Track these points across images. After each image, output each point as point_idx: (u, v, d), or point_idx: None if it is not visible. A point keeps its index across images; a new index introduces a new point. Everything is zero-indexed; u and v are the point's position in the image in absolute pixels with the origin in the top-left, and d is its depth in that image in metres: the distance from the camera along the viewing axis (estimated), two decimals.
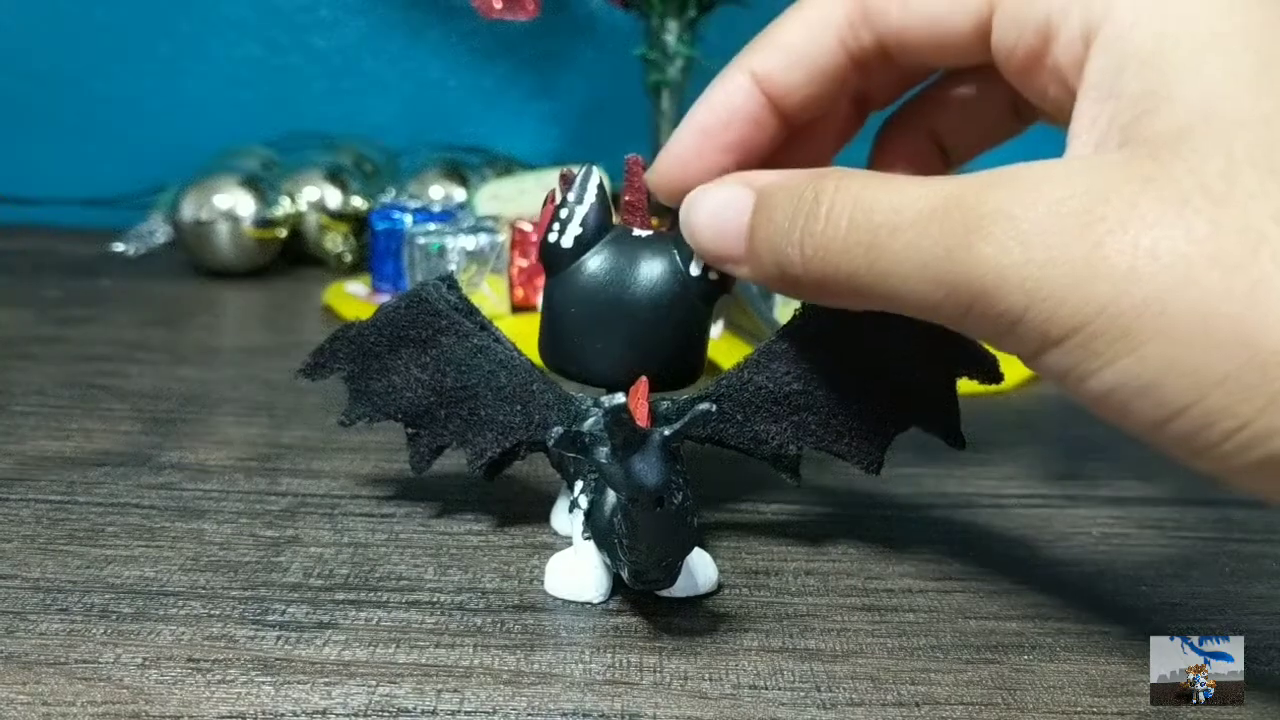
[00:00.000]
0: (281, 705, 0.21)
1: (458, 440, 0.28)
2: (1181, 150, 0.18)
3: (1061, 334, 0.18)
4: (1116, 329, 0.17)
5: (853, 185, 0.21)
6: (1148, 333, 0.17)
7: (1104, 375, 0.18)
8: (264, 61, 0.74)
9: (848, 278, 0.20)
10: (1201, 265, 0.17)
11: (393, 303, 0.28)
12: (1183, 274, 0.17)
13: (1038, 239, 0.18)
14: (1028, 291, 0.18)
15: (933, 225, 0.19)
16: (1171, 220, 0.17)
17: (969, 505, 0.32)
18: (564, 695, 0.22)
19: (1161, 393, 0.17)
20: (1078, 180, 0.18)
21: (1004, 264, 0.18)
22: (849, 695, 0.22)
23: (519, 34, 0.73)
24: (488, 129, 0.75)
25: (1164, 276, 0.17)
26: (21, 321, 0.49)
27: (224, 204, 0.57)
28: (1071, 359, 0.18)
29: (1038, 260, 0.18)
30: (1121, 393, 0.18)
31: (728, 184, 0.24)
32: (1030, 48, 0.22)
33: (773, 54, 0.25)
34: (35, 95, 0.73)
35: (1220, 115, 0.18)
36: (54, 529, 0.28)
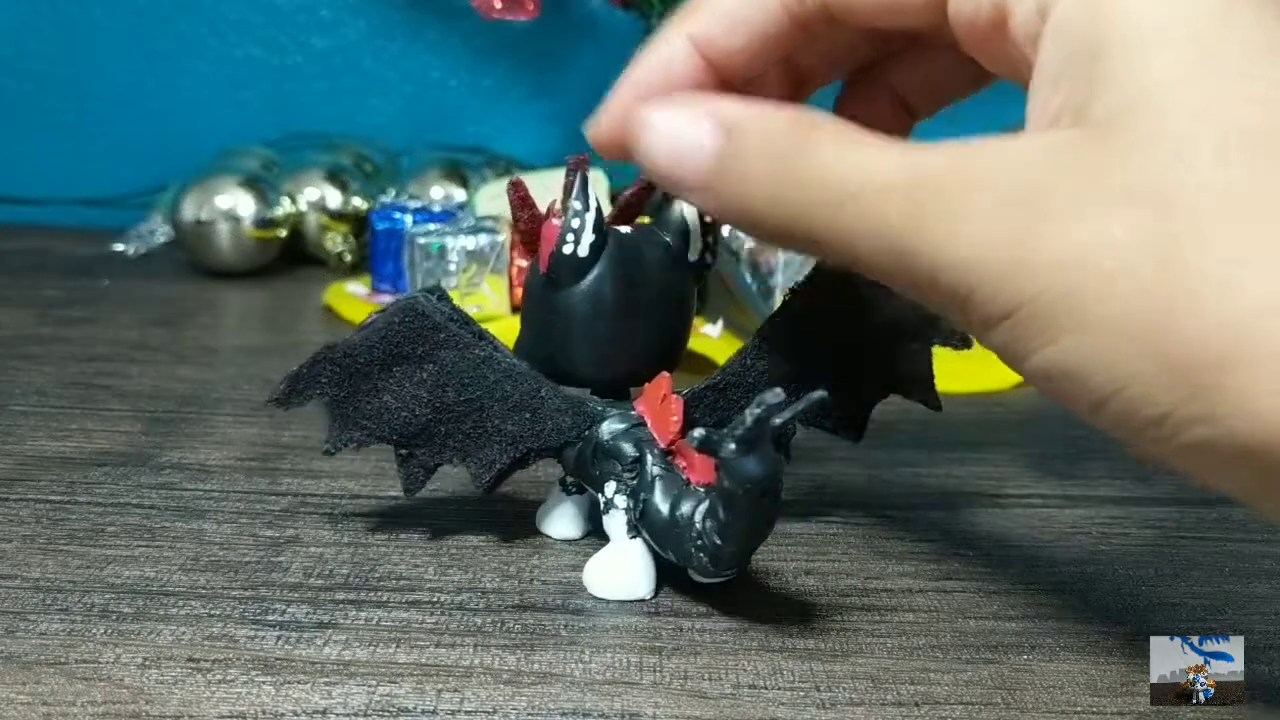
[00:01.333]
0: (281, 705, 0.21)
1: (459, 457, 0.28)
2: (1123, 140, 0.18)
3: (999, 316, 0.19)
4: (1043, 318, 0.18)
5: (831, 139, 0.21)
6: (1070, 324, 0.18)
7: (1035, 360, 0.19)
8: (264, 61, 0.74)
9: (809, 235, 0.21)
10: (1124, 261, 0.17)
11: (383, 319, 0.27)
12: (1106, 269, 0.17)
13: (981, 225, 0.18)
14: (972, 274, 0.19)
15: (892, 200, 0.19)
16: (1102, 217, 0.18)
17: (969, 505, 0.32)
18: (564, 695, 0.22)
19: (1086, 381, 0.18)
20: (1024, 165, 0.19)
21: (952, 247, 0.19)
22: (849, 695, 0.22)
23: (519, 34, 0.73)
24: (488, 129, 0.75)
25: (1088, 270, 0.18)
26: (21, 321, 0.49)
27: (224, 204, 0.57)
28: (1007, 340, 0.19)
29: (981, 245, 0.18)
30: (1052, 377, 0.19)
31: (688, 107, 0.23)
32: (988, 19, 0.21)
33: (712, 18, 0.24)
34: (35, 95, 0.73)
35: (1162, 105, 0.18)
36: (54, 529, 0.28)
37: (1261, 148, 0.17)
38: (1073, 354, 0.18)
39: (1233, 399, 0.17)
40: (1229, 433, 0.17)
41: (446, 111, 0.75)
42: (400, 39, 0.74)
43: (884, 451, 0.36)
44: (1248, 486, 0.18)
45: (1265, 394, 0.16)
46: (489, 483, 0.27)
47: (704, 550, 0.24)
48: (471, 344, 0.27)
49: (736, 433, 0.22)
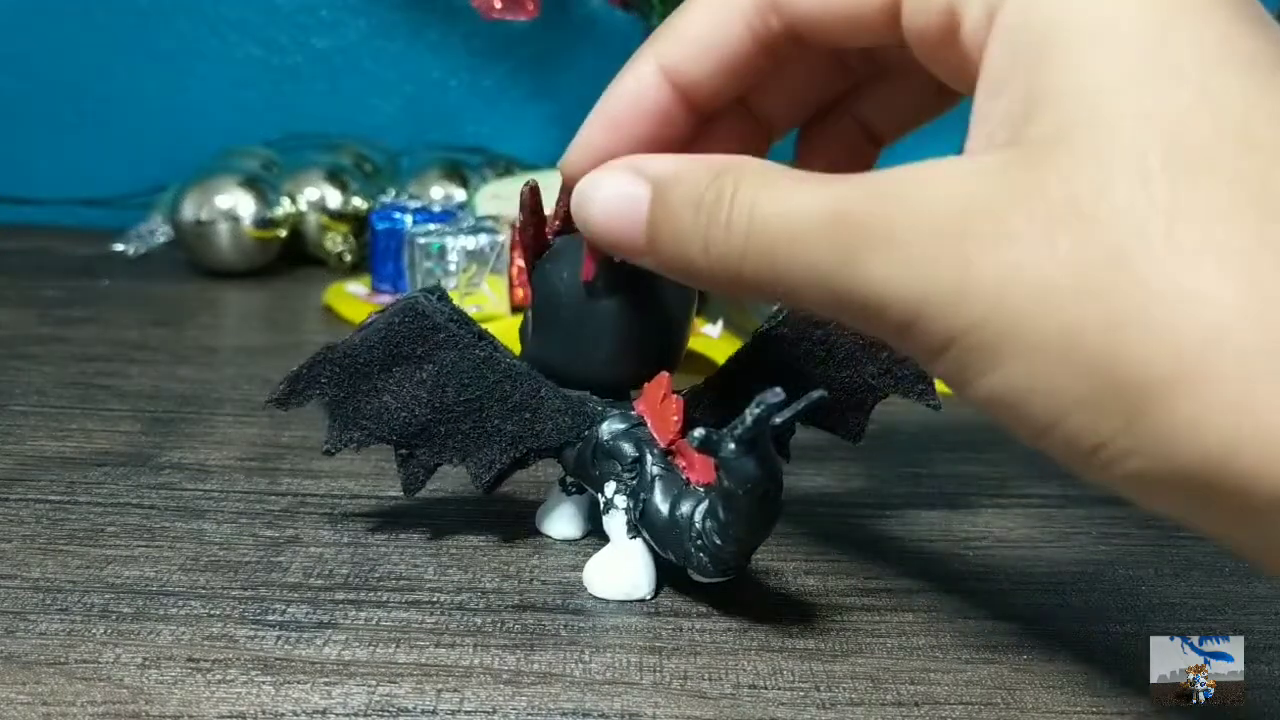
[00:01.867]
0: (281, 705, 0.21)
1: (459, 457, 0.28)
2: (1058, 158, 0.18)
3: (941, 345, 0.18)
4: (985, 344, 0.18)
5: (751, 186, 0.20)
6: (1010, 352, 0.17)
7: (977, 387, 0.18)
8: (264, 61, 0.74)
9: (751, 281, 0.21)
10: (1063, 286, 0.17)
11: (384, 319, 0.27)
12: (1044, 295, 0.17)
13: (917, 254, 0.18)
14: (911, 305, 0.18)
15: (823, 237, 0.19)
16: (1038, 240, 0.17)
17: (969, 505, 0.32)
18: (564, 695, 0.22)
19: (1028, 409, 0.18)
20: (957, 190, 0.18)
21: (888, 279, 0.18)
22: (849, 695, 0.22)
23: (519, 34, 0.73)
24: (488, 129, 0.75)
25: (1026, 296, 0.17)
26: (21, 321, 0.49)
27: (224, 204, 0.57)
28: (951, 369, 0.19)
29: (918, 275, 0.18)
30: (995, 405, 0.18)
31: (619, 171, 0.23)
32: (938, 30, 0.21)
33: (680, 45, 0.24)
34: (35, 95, 0.73)
35: (1099, 116, 0.18)
36: (54, 529, 0.28)
37: (1206, 161, 0.17)
38: (1015, 380, 0.18)
39: (1179, 423, 0.16)
40: (1174, 458, 0.16)
41: (446, 111, 0.75)
42: (400, 39, 0.74)
43: (884, 451, 0.36)
44: (1192, 511, 0.18)
45: (1211, 417, 0.16)
46: (489, 483, 0.28)
47: (704, 550, 0.24)
48: (471, 344, 0.27)
49: (736, 432, 0.22)
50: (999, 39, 0.19)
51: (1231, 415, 0.16)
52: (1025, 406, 0.18)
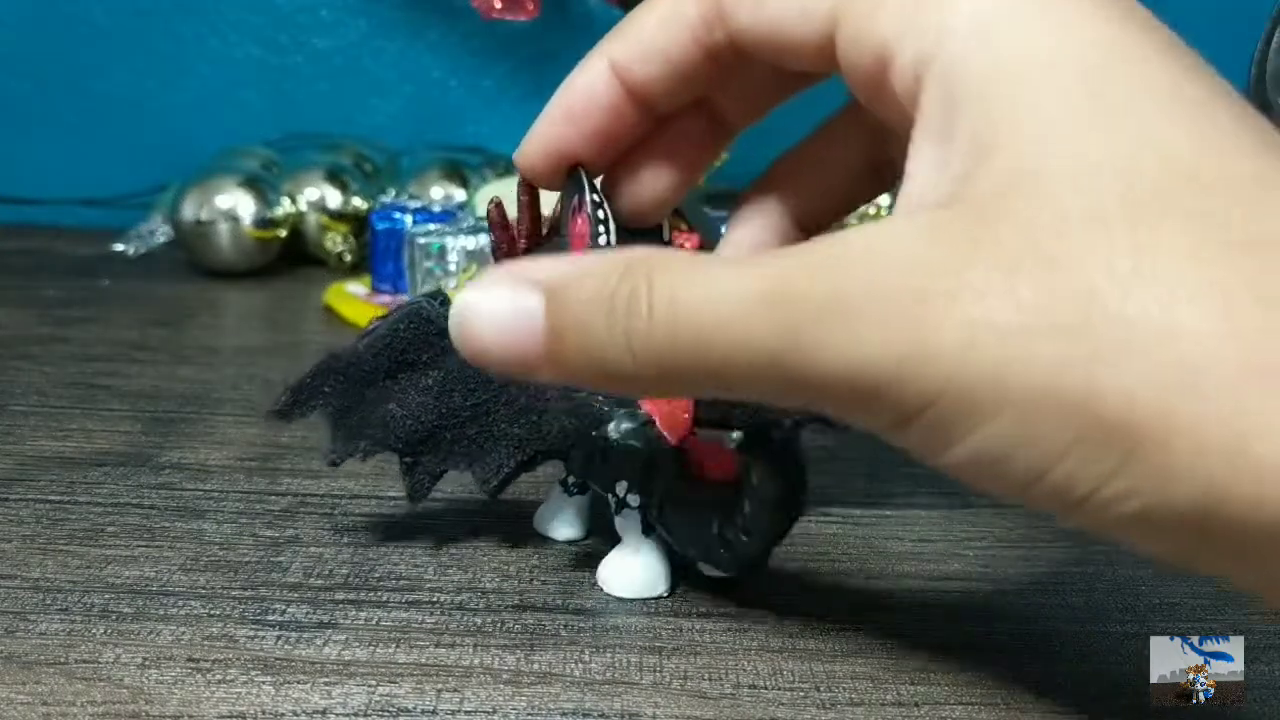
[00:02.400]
0: (281, 705, 0.21)
1: (465, 462, 0.27)
2: (1011, 207, 0.17)
3: (909, 414, 0.17)
4: (960, 406, 0.17)
5: (667, 275, 0.19)
6: (990, 408, 0.16)
7: (956, 451, 0.17)
8: (264, 61, 0.74)
9: (686, 377, 0.19)
10: (1036, 334, 0.16)
11: (387, 325, 0.27)
12: (1018, 345, 0.16)
13: (875, 323, 0.17)
14: (874, 377, 0.17)
15: (762, 319, 0.18)
16: (1002, 289, 0.16)
17: (969, 505, 0.32)
18: (564, 695, 0.22)
19: (1013, 464, 0.17)
20: (904, 252, 0.17)
21: (844, 354, 0.17)
22: (849, 695, 0.22)
23: (519, 34, 0.73)
24: (488, 129, 0.75)
25: (998, 349, 0.16)
26: (21, 321, 0.49)
27: (224, 204, 0.57)
28: (922, 438, 0.18)
29: (874, 345, 0.17)
30: (976, 466, 0.17)
31: (500, 283, 0.20)
32: (869, 73, 0.20)
33: (629, 47, 0.24)
34: (35, 95, 0.73)
35: (1048, 165, 0.17)
36: (54, 529, 0.28)
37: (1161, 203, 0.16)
38: (997, 436, 0.17)
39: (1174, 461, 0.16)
40: (1171, 497, 0.16)
41: (446, 111, 0.75)
42: (400, 39, 0.74)
43: (884, 451, 0.35)
44: (1189, 550, 0.17)
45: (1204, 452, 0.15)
46: (496, 487, 0.27)
47: (727, 546, 0.24)
48: None
49: (775, 433, 0.22)
50: (935, 85, 0.19)
51: (1223, 448, 0.15)
52: (1010, 461, 0.17)
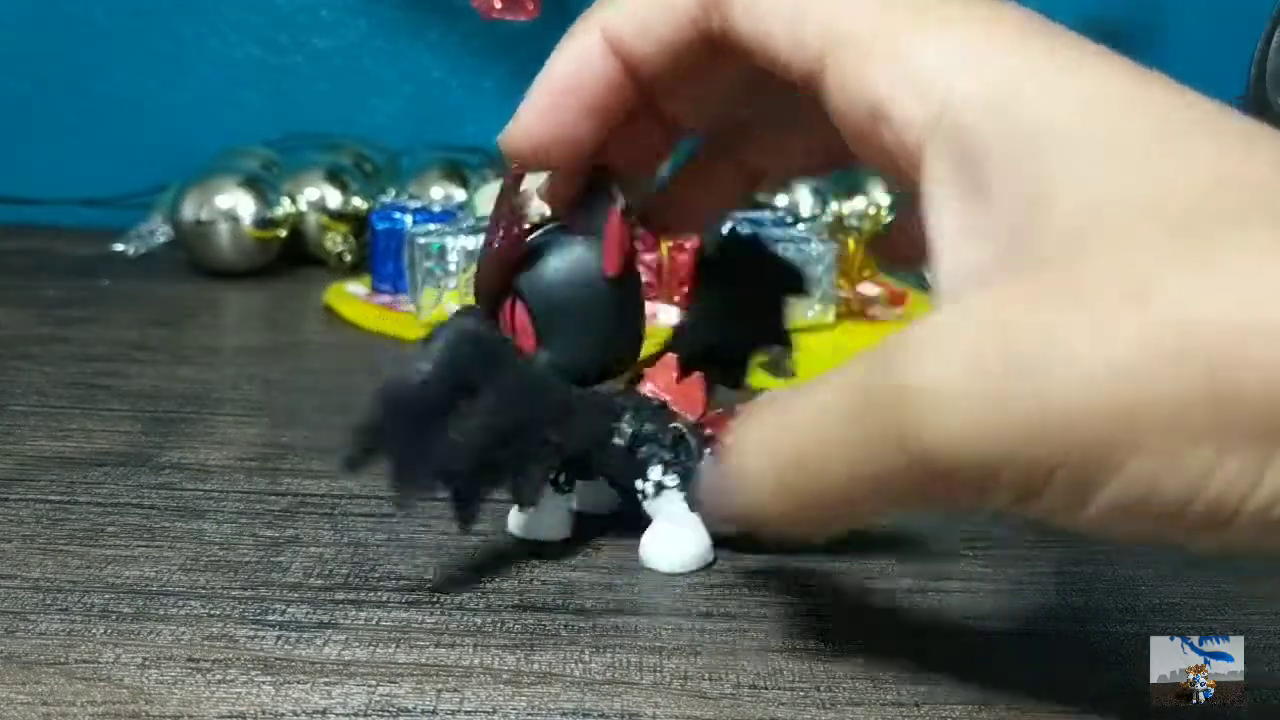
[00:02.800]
0: (281, 705, 0.21)
1: (511, 479, 0.26)
2: (1086, 258, 0.17)
3: (1039, 483, 0.17)
4: (1096, 457, 0.16)
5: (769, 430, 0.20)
6: (1128, 447, 0.16)
7: (1098, 503, 0.17)
8: (264, 61, 0.74)
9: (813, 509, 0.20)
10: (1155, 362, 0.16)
11: (446, 350, 0.25)
12: (1141, 379, 0.16)
13: (976, 400, 0.17)
14: (988, 456, 0.17)
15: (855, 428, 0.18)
16: (1107, 334, 0.16)
17: None
18: (564, 695, 0.22)
19: (1162, 495, 0.16)
20: (987, 322, 0.17)
21: (950, 439, 0.17)
22: (849, 695, 0.22)
23: (519, 34, 0.73)
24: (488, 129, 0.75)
25: (1121, 388, 0.16)
26: (21, 321, 0.49)
27: (224, 204, 0.57)
28: (1057, 502, 0.17)
29: (986, 422, 0.17)
30: (1122, 511, 0.17)
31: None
32: (859, 126, 0.20)
33: (625, 20, 0.23)
34: (35, 95, 0.73)
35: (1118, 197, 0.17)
36: (54, 529, 0.28)
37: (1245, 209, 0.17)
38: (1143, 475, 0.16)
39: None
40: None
41: (446, 111, 0.75)
42: (400, 39, 0.75)
43: None
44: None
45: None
46: (537, 497, 0.26)
47: None
48: (514, 359, 0.26)
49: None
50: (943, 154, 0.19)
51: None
52: (1156, 496, 0.16)
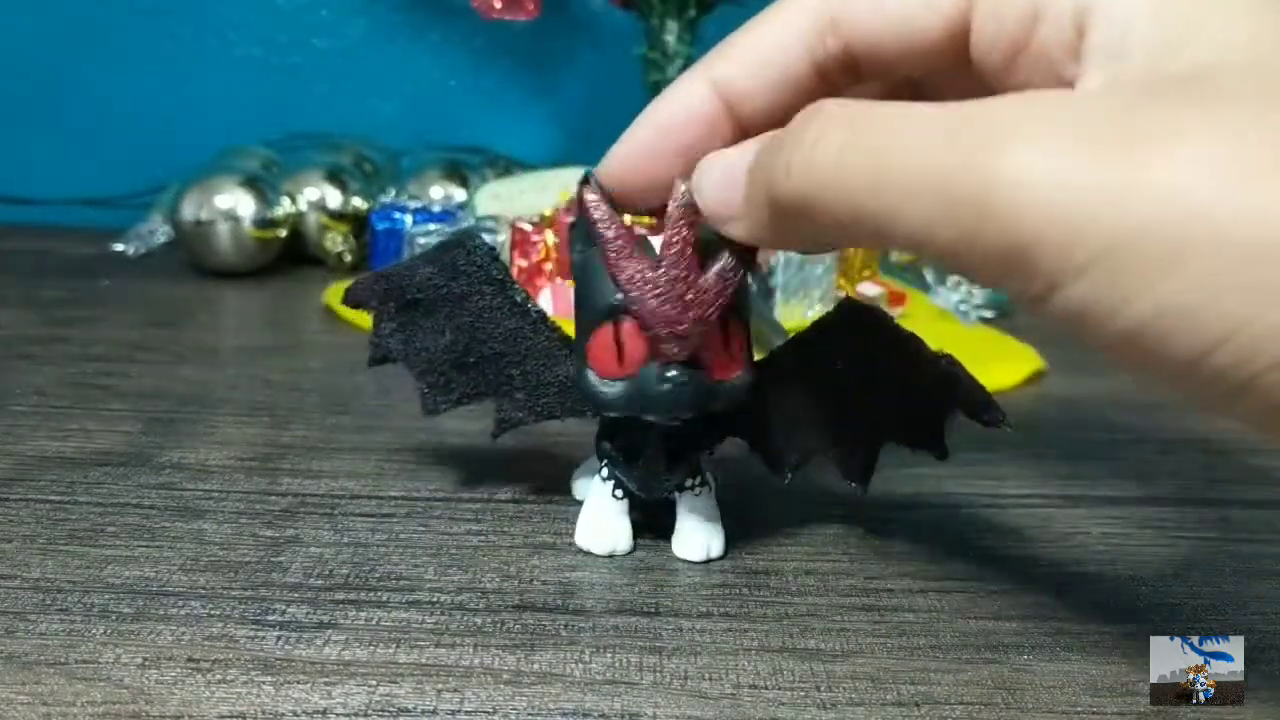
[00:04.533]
0: (281, 705, 0.21)
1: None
2: (1215, 79, 0.17)
3: (1087, 260, 0.16)
4: (1158, 248, 0.16)
5: (849, 105, 0.20)
6: (1195, 250, 0.16)
7: (1139, 304, 0.16)
8: (264, 61, 0.74)
9: (838, 196, 0.19)
10: (1254, 175, 0.16)
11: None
12: (1234, 185, 0.16)
13: (1066, 152, 0.16)
14: (1052, 209, 0.16)
15: (945, 138, 0.18)
16: (1215, 134, 0.16)
17: (969, 505, 0.32)
18: (564, 695, 0.22)
19: (1204, 319, 0.16)
20: (1108, 99, 0.18)
21: (1027, 177, 0.16)
22: (849, 695, 0.22)
23: (519, 34, 0.74)
24: (488, 129, 0.75)
25: (1211, 189, 0.16)
26: (21, 321, 0.49)
27: (224, 204, 0.57)
28: (1097, 290, 0.17)
29: (1065, 173, 0.16)
30: (1159, 323, 0.16)
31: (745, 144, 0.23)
32: (1012, 38, 0.21)
33: (736, 60, 0.24)
34: (35, 95, 0.73)
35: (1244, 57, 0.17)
36: (54, 529, 0.28)
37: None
38: (1189, 287, 0.16)
39: None
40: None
41: (446, 111, 0.75)
42: (400, 39, 0.75)
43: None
44: None
45: None
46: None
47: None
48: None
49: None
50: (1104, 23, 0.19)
51: None
52: (1197, 318, 0.16)
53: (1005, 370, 0.44)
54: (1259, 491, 0.34)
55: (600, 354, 0.25)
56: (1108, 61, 0.19)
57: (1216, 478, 0.35)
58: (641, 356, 0.25)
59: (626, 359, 0.25)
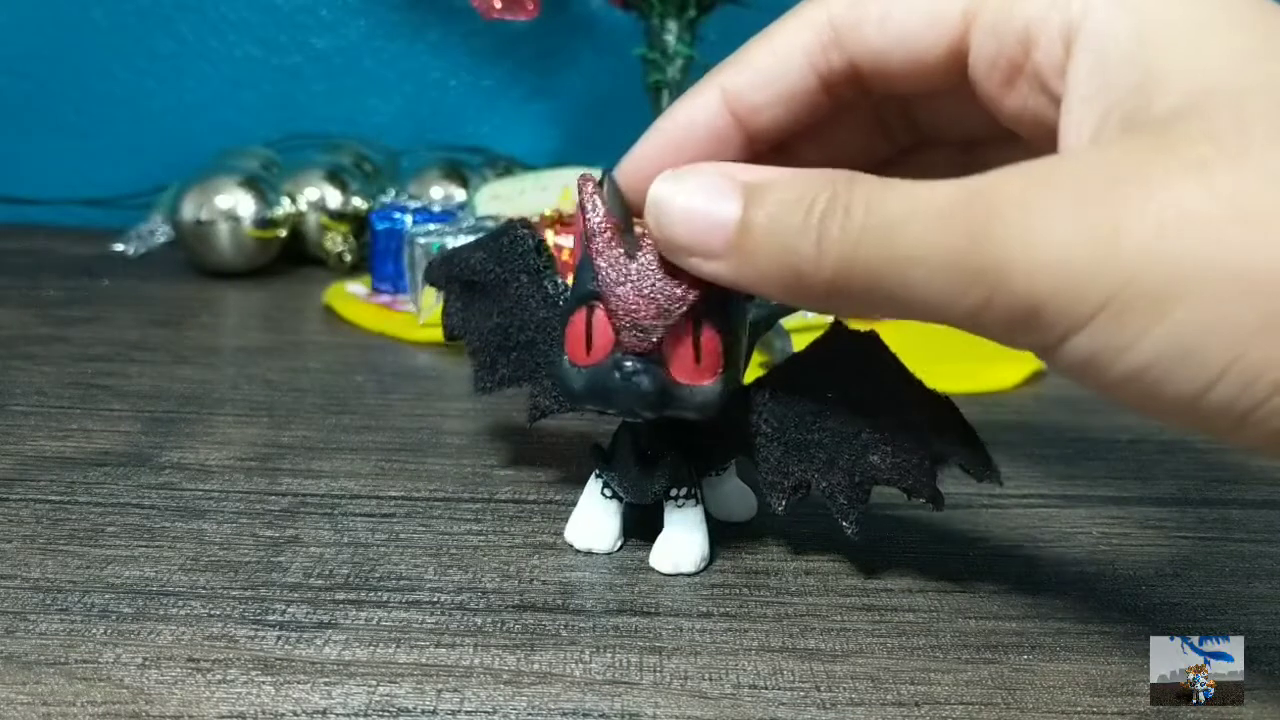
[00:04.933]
0: (282, 705, 0.21)
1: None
2: (1189, 120, 0.18)
3: (1089, 312, 0.17)
4: (1147, 297, 0.17)
5: (869, 183, 0.20)
6: (1181, 294, 0.17)
7: (1138, 349, 0.17)
8: (264, 61, 0.74)
9: (865, 275, 0.20)
10: (1229, 219, 0.17)
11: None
12: (1211, 231, 0.17)
13: (1059, 217, 0.18)
14: (1053, 271, 0.18)
15: (953, 216, 0.19)
16: (1192, 181, 0.17)
17: (969, 505, 0.32)
18: (564, 695, 0.22)
19: (1201, 356, 0.17)
20: (1090, 159, 0.18)
21: (1028, 246, 0.18)
22: (849, 695, 0.22)
23: (519, 34, 0.74)
24: (488, 129, 0.75)
25: (1191, 236, 0.17)
26: (21, 321, 0.49)
27: (224, 204, 0.57)
28: (1099, 340, 0.18)
29: (1061, 237, 0.18)
30: (1157, 365, 0.17)
31: (705, 174, 0.22)
32: (1010, 58, 0.22)
33: (742, 73, 0.25)
34: (35, 95, 0.73)
35: (1222, 87, 0.18)
36: (54, 529, 0.28)
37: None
38: (1188, 325, 0.17)
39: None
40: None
41: (446, 111, 0.75)
42: (400, 39, 0.75)
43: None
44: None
45: None
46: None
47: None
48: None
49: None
50: (1086, 50, 0.20)
51: None
52: (1195, 356, 0.17)
53: (1005, 370, 0.44)
54: (1259, 491, 0.34)
55: (573, 339, 0.25)
56: (1093, 95, 0.20)
57: (1216, 478, 0.35)
58: (608, 345, 0.25)
59: (594, 347, 0.25)
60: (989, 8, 0.22)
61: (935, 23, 0.22)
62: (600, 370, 0.25)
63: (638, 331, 0.24)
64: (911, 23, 0.23)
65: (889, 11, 0.23)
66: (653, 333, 0.24)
